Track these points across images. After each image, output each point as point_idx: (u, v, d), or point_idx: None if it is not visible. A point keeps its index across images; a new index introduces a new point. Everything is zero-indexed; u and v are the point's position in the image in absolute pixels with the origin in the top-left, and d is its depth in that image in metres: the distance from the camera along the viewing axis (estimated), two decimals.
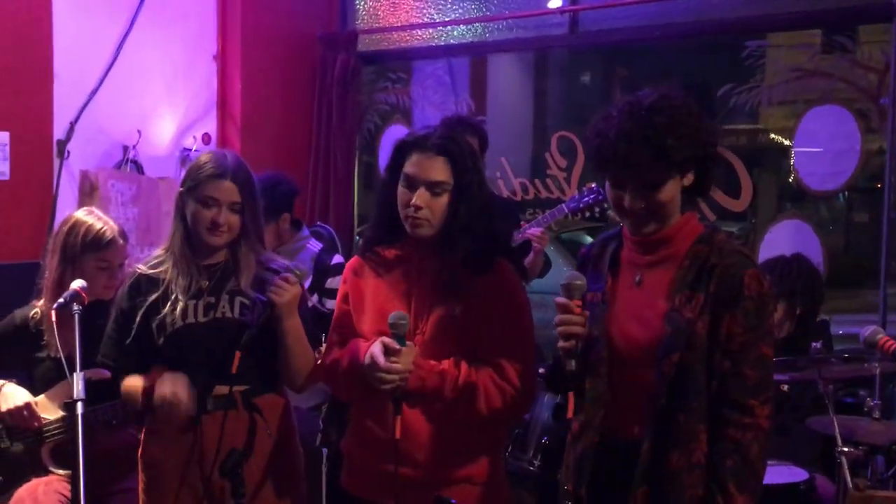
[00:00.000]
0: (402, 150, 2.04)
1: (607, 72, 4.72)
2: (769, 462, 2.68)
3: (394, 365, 1.88)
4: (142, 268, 2.29)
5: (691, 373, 1.71)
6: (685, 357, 1.71)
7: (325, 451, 3.52)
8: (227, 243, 2.25)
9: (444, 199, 1.97)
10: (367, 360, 1.92)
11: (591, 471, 1.81)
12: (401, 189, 2.00)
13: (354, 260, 2.19)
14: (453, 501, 1.47)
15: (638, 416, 1.77)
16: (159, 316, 2.20)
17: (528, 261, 3.23)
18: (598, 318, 1.82)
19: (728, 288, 1.71)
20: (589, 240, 4.65)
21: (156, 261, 2.29)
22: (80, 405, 2.05)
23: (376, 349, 1.91)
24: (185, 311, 2.20)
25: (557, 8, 4.47)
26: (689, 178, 1.79)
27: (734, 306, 1.70)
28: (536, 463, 2.91)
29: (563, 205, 3.62)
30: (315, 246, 3.46)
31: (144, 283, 2.27)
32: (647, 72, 4.48)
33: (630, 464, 1.75)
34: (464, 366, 1.97)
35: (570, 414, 1.82)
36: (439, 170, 1.97)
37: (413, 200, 1.96)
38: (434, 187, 1.96)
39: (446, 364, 1.97)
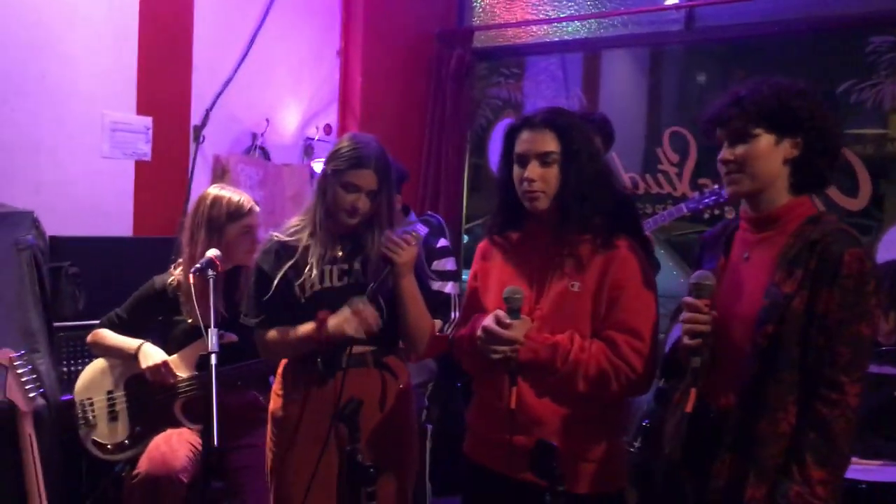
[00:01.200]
0: (511, 135, 2.12)
1: (723, 68, 4.65)
2: (890, 462, 2.65)
3: (504, 335, 1.94)
4: (278, 235, 2.42)
5: (784, 345, 1.74)
6: (779, 330, 1.74)
7: (429, 427, 3.66)
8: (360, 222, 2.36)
9: (554, 169, 2.03)
10: (479, 331, 1.99)
11: (686, 436, 1.86)
12: (515, 169, 2.07)
13: (484, 243, 2.26)
14: (555, 445, 1.52)
15: (731, 386, 1.81)
16: (300, 279, 2.32)
17: None
18: None
19: (827, 264, 1.73)
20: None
21: (293, 229, 2.42)
22: (213, 357, 2.25)
23: (489, 320, 1.98)
24: (321, 275, 2.33)
25: (673, 4, 4.46)
26: (790, 149, 1.83)
27: (832, 283, 1.71)
28: (636, 445, 2.93)
29: (683, 205, 3.55)
30: (422, 230, 3.58)
31: (281, 249, 2.39)
32: (765, 68, 4.39)
33: (721, 431, 1.80)
34: (577, 340, 1.99)
35: (688, 408, 1.81)
36: (546, 141, 2.03)
37: (525, 174, 2.03)
38: (543, 157, 2.02)
39: (561, 337, 2.00)
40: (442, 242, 3.56)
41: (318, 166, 4.53)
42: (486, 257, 2.22)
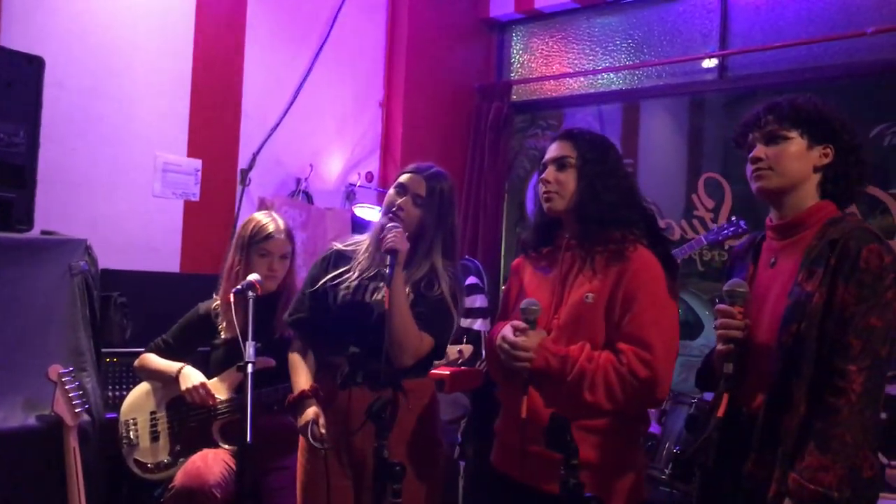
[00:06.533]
0: (544, 153, 2.26)
1: None
2: None
3: (517, 343, 2.01)
4: (338, 245, 2.56)
5: (805, 341, 1.76)
6: (801, 326, 1.77)
7: (461, 464, 3.66)
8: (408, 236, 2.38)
9: (570, 174, 2.16)
10: (497, 339, 2.09)
11: (717, 442, 1.88)
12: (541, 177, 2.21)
13: (519, 259, 2.37)
14: (567, 419, 1.55)
15: (760, 388, 1.83)
16: (339, 286, 2.42)
17: None
18: None
19: (845, 260, 1.76)
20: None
21: (353, 242, 2.55)
22: (250, 366, 2.33)
23: (506, 328, 2.08)
24: (357, 288, 2.40)
25: (705, 53, 4.56)
26: (820, 156, 1.89)
27: (849, 278, 1.74)
28: (667, 471, 2.91)
29: (702, 236, 3.60)
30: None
31: (335, 257, 2.52)
32: None
33: (749, 433, 1.82)
34: (586, 350, 2.03)
35: (720, 413, 1.84)
36: (563, 147, 2.19)
37: (542, 176, 2.19)
38: (558, 162, 2.17)
39: (573, 348, 2.04)
40: (470, 280, 3.61)
41: (359, 211, 4.67)
42: (517, 272, 2.33)
